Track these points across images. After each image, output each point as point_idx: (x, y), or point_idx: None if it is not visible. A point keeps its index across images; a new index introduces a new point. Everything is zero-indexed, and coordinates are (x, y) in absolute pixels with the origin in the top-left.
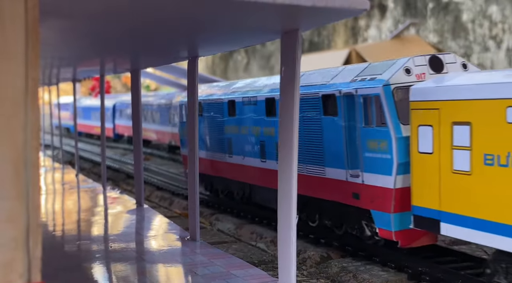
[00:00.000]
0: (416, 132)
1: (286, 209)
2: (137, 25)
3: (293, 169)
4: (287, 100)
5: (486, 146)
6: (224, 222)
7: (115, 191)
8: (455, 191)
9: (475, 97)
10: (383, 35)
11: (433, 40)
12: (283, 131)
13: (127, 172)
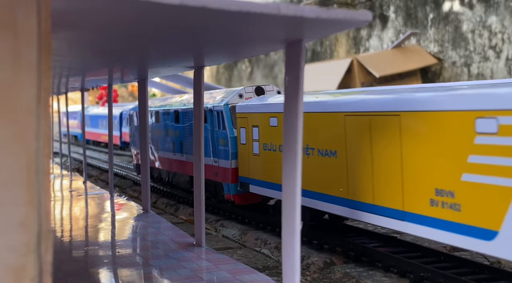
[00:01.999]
0: (239, 131)
1: (290, 216)
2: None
3: (296, 177)
4: (291, 110)
5: (264, 139)
6: (229, 228)
7: (122, 198)
8: (255, 165)
9: (258, 111)
10: (385, 45)
11: (433, 50)
12: (287, 141)
13: (134, 179)
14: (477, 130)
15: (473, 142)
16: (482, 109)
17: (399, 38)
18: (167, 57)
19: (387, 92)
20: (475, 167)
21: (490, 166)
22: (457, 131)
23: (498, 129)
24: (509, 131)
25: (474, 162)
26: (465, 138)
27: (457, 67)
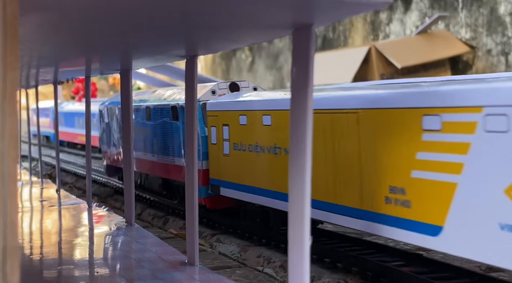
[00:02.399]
0: (210, 131)
1: (298, 230)
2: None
3: (305, 185)
4: (299, 105)
5: (235, 139)
6: (226, 244)
7: (101, 209)
8: (225, 167)
9: (228, 109)
10: (408, 31)
11: (465, 36)
12: (294, 144)
13: (116, 187)
14: (424, 127)
15: (421, 139)
16: (428, 107)
17: (425, 23)
18: (154, 45)
19: (348, 89)
20: (423, 163)
21: (435, 162)
22: (407, 128)
23: (441, 126)
24: (451, 128)
25: (421, 159)
26: (414, 135)
27: (492, 56)
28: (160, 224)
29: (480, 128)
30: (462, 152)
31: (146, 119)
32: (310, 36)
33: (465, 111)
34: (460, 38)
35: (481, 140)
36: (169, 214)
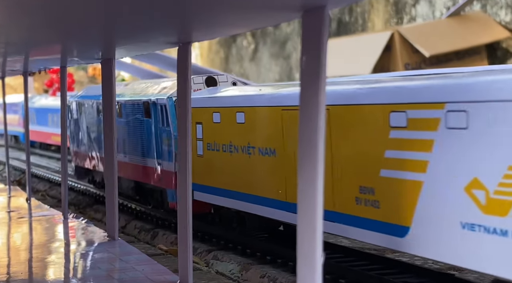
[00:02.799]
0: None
1: (308, 245)
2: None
3: (317, 193)
4: (309, 101)
5: (208, 138)
6: (225, 262)
7: (79, 221)
8: (199, 168)
9: (202, 105)
10: (437, 13)
11: (505, 19)
12: (303, 146)
13: (96, 195)
14: (391, 124)
15: (388, 136)
16: (395, 103)
17: (457, 3)
18: (141, 29)
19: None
20: (391, 162)
21: (401, 160)
22: (376, 126)
23: (407, 123)
24: (416, 124)
25: (389, 157)
26: (382, 133)
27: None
28: (147, 238)
29: (442, 125)
30: (426, 150)
31: (116, 116)
32: (322, 20)
33: (428, 108)
34: (499, 21)
35: (443, 137)
36: (158, 227)
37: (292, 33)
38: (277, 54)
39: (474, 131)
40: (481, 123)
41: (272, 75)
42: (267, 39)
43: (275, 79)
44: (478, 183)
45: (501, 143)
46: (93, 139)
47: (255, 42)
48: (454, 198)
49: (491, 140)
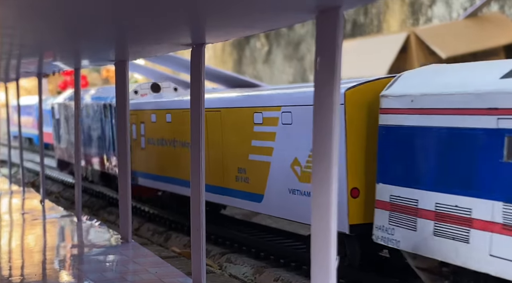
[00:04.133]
0: (131, 128)
1: (322, 247)
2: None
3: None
4: (324, 101)
5: (149, 134)
6: (238, 265)
7: (93, 223)
8: (142, 159)
9: (144, 108)
10: (454, 14)
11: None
12: (318, 142)
13: (110, 197)
14: (255, 121)
15: (253, 130)
16: (256, 106)
17: (475, 4)
18: (154, 31)
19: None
20: (255, 149)
21: (260, 147)
22: (247, 123)
23: (263, 121)
24: (267, 122)
25: (254, 145)
26: (250, 128)
27: None
28: (161, 241)
29: (280, 121)
30: (272, 139)
31: (87, 116)
32: (337, 21)
33: (273, 110)
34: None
35: (280, 130)
36: (171, 230)
37: (306, 35)
38: (291, 55)
39: (295, 125)
40: (298, 120)
41: (285, 77)
42: (280, 40)
43: (289, 81)
44: (297, 162)
45: (307, 134)
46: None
47: (269, 44)
48: (285, 173)
49: (303, 132)
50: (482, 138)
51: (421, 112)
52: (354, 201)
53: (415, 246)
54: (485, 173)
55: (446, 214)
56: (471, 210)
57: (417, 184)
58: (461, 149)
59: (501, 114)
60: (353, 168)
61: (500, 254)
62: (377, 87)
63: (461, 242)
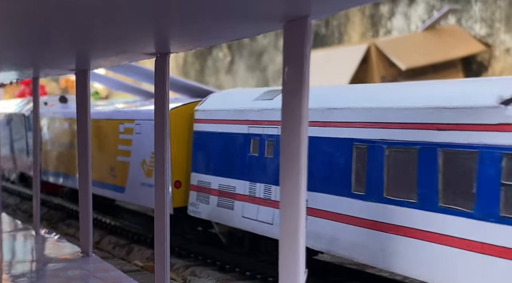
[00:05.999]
0: (41, 133)
1: (290, 259)
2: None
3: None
4: (293, 110)
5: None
6: (203, 278)
7: (51, 236)
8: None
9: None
10: (413, 26)
11: (479, 32)
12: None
13: (69, 209)
14: (120, 130)
15: (119, 137)
16: (122, 119)
17: (433, 17)
18: (117, 39)
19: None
20: (120, 152)
21: (123, 151)
22: (116, 131)
23: (124, 130)
24: (126, 131)
25: (120, 149)
26: (117, 135)
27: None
28: (122, 254)
29: (135, 131)
30: (130, 145)
31: (7, 123)
32: (305, 30)
33: (130, 122)
34: (474, 35)
35: (135, 137)
36: (133, 242)
37: (269, 45)
38: (253, 66)
39: (143, 134)
40: (145, 131)
41: (248, 87)
42: (243, 51)
43: None
44: (145, 162)
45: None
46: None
47: (231, 54)
48: (138, 170)
49: (148, 139)
50: (240, 139)
51: (212, 122)
52: (177, 191)
53: (209, 215)
54: (241, 162)
55: (224, 192)
56: (235, 187)
57: (210, 172)
58: (230, 147)
59: (250, 124)
60: (176, 166)
61: (247, 215)
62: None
63: (230, 210)
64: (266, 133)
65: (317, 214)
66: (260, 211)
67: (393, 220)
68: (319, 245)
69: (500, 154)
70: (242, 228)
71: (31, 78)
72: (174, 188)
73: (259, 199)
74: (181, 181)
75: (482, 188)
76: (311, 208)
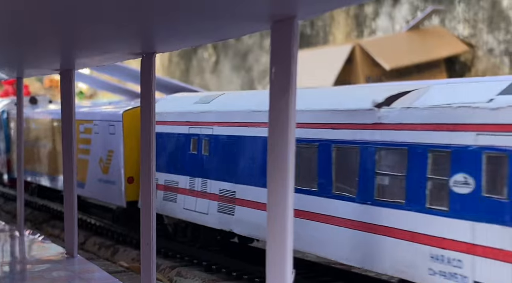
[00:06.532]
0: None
1: (277, 260)
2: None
3: (287, 206)
4: (280, 110)
5: (27, 137)
6: (189, 279)
7: (36, 237)
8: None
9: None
10: (397, 26)
11: (463, 33)
12: (273, 153)
13: (54, 210)
14: (80, 130)
15: (80, 137)
16: (83, 119)
17: (417, 17)
18: (102, 39)
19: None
20: (81, 150)
21: (83, 149)
22: (77, 131)
23: (84, 130)
24: (86, 131)
25: (80, 148)
26: (78, 135)
27: (495, 57)
28: (108, 255)
29: (93, 131)
30: (89, 143)
31: None
32: (292, 30)
33: (89, 122)
34: (457, 36)
35: (93, 137)
36: (119, 243)
37: (254, 45)
38: (239, 66)
39: (100, 134)
40: (101, 130)
41: (233, 87)
42: (228, 51)
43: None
44: (101, 159)
45: (109, 140)
46: None
47: (216, 54)
48: (96, 167)
49: (106, 139)
50: (182, 139)
51: (160, 123)
52: (130, 186)
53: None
54: (183, 160)
55: (168, 186)
56: (178, 182)
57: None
58: (174, 146)
59: (190, 125)
60: (128, 163)
61: (188, 207)
62: None
63: (173, 202)
64: (203, 133)
65: (244, 204)
66: (198, 203)
67: (300, 207)
68: (245, 230)
69: (374, 148)
70: (184, 218)
71: (15, 78)
72: (127, 183)
73: (197, 192)
74: (134, 177)
75: (362, 177)
76: (239, 198)
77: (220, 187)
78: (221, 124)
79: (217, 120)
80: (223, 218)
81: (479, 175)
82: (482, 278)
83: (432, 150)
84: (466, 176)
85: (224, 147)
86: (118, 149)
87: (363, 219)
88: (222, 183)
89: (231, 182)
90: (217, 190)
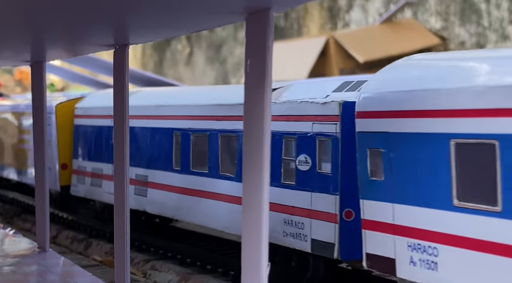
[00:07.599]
0: None
1: (252, 253)
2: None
3: (263, 199)
4: (255, 102)
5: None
6: (163, 272)
7: (7, 231)
8: None
9: None
10: (370, 19)
11: (435, 26)
12: (249, 145)
13: (25, 204)
14: (21, 122)
15: (21, 128)
16: (23, 111)
17: (390, 10)
18: (74, 30)
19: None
20: (21, 141)
21: (25, 139)
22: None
23: (25, 121)
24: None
25: (21, 138)
26: (20, 126)
27: (466, 49)
28: (81, 248)
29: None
30: (29, 134)
31: None
32: (267, 22)
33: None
34: (430, 28)
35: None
36: (92, 237)
37: (228, 37)
38: (213, 58)
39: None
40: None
41: (207, 79)
42: (202, 42)
43: (210, 83)
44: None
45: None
46: None
47: (190, 46)
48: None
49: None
50: (106, 131)
51: (88, 117)
52: (64, 172)
53: (85, 193)
54: (107, 149)
55: (95, 173)
56: (102, 169)
57: (86, 158)
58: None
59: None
60: (62, 151)
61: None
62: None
63: (99, 187)
64: None
65: (154, 186)
66: None
67: (196, 186)
68: (155, 209)
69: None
70: (106, 201)
71: None
72: (61, 169)
73: None
74: (67, 164)
75: (239, 159)
76: (150, 182)
77: (136, 172)
78: (136, 117)
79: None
80: (138, 199)
81: (314, 155)
82: (317, 235)
83: (286, 137)
84: (306, 156)
85: (137, 137)
86: (53, 139)
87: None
88: (137, 169)
89: (144, 168)
90: (133, 175)
